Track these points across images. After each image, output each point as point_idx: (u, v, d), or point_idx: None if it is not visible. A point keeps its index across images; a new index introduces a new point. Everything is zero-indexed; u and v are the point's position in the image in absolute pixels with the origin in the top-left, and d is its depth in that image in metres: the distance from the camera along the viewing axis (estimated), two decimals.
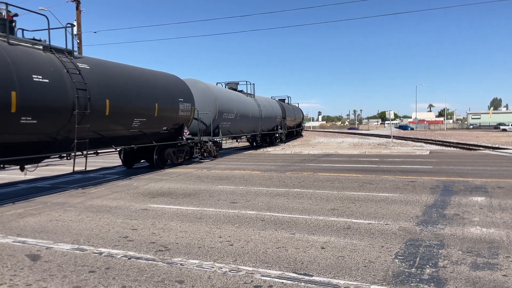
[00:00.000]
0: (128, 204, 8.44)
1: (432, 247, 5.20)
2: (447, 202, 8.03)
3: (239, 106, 21.96)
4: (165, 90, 14.67)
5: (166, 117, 14.55)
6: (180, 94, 15.62)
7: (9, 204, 8.61)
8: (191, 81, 18.71)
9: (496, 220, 6.53)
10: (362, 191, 9.41)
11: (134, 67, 14.09)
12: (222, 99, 19.54)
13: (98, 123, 11.15)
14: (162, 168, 14.84)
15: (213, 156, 19.17)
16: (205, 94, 18.68)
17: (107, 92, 11.41)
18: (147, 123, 13.41)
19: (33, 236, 6.06)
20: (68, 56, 10.62)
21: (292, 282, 4.11)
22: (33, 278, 4.34)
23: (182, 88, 16.19)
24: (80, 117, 10.33)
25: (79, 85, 10.30)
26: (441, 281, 4.07)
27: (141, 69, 14.35)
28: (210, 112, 18.33)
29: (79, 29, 23.03)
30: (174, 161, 15.81)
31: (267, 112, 27.25)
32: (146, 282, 4.18)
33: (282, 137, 31.98)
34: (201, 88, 18.75)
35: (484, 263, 4.57)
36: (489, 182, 10.42)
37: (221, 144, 20.67)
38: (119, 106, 11.88)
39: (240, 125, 22.31)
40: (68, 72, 10.10)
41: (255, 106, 25.05)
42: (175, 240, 5.72)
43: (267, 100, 29.72)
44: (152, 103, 13.59)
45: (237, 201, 8.46)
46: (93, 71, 11.19)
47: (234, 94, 22.56)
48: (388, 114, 35.39)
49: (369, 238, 5.63)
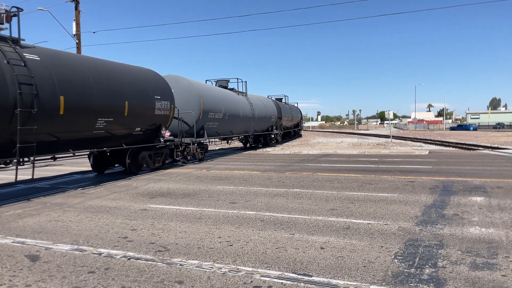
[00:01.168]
0: (127, 204, 8.44)
1: (431, 247, 5.20)
2: (447, 202, 8.04)
3: (228, 105, 20.54)
4: (138, 87, 13.10)
5: (139, 117, 13.03)
6: (157, 91, 14.07)
7: (8, 205, 8.60)
8: (173, 77, 17.30)
9: (495, 220, 6.53)
10: (362, 191, 9.42)
11: (99, 59, 12.43)
12: (207, 97, 18.16)
13: (50, 123, 9.69)
14: (135, 173, 13.39)
15: (198, 159, 17.83)
16: (188, 91, 17.18)
17: (62, 87, 9.89)
18: (116, 123, 11.89)
19: (32, 236, 6.05)
20: (13, 45, 9.27)
21: (291, 283, 4.11)
22: (33, 279, 4.33)
23: (160, 84, 14.62)
24: (25, 116, 8.90)
25: (23, 78, 8.87)
26: (440, 281, 4.07)
27: (108, 63, 12.69)
28: (193, 112, 16.85)
29: (78, 29, 23.01)
30: (150, 166, 14.21)
31: (260, 112, 25.85)
32: (146, 282, 4.18)
33: (277, 138, 30.74)
34: (184, 85, 17.29)
35: (483, 263, 4.58)
36: (488, 182, 10.43)
37: (207, 146, 19.22)
38: (78, 104, 10.31)
39: (229, 126, 20.93)
40: (9, 63, 8.69)
41: (247, 105, 23.56)
42: (175, 240, 5.71)
43: (261, 99, 28.14)
44: (121, 101, 12.02)
45: (237, 201, 8.46)
46: (45, 63, 9.69)
47: (222, 92, 21.06)
48: (387, 114, 35.39)
49: (368, 238, 5.63)
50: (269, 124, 28.36)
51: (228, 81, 23.96)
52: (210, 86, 20.57)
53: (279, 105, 32.18)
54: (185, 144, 16.70)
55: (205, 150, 18.54)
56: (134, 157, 13.39)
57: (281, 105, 33.56)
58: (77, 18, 23.07)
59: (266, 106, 27.96)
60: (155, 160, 14.39)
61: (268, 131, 28.50)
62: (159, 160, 14.63)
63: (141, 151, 13.67)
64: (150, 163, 14.12)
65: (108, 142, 12.24)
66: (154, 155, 14.33)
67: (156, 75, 14.98)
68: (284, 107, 34.11)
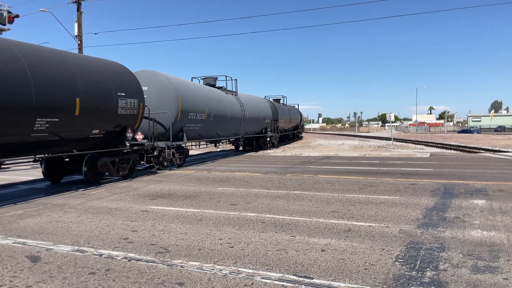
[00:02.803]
0: (128, 205, 8.43)
1: (432, 250, 5.19)
2: (448, 205, 8.02)
3: (214, 104, 18.78)
4: (94, 81, 11.07)
5: (96, 117, 11.08)
6: (121, 87, 12.08)
7: (9, 205, 8.60)
8: (148, 73, 15.53)
9: (496, 223, 6.52)
10: (363, 193, 9.40)
11: (42, 47, 10.60)
12: (187, 95, 16.24)
13: None
14: (95, 183, 11.49)
15: (176, 165, 15.90)
16: (165, 89, 15.28)
17: None
18: (63, 124, 9.95)
19: (33, 237, 6.05)
20: None
21: (292, 285, 4.10)
22: (33, 280, 4.33)
23: (125, 79, 12.61)
24: None
25: None
26: (441, 284, 4.06)
27: (55, 51, 10.63)
28: (169, 112, 14.93)
29: (80, 30, 23.07)
30: (113, 174, 12.25)
31: (252, 113, 23.97)
32: (146, 284, 4.18)
33: (273, 141, 28.83)
34: (160, 82, 15.38)
35: (485, 266, 4.56)
36: (489, 185, 10.41)
37: (188, 151, 17.28)
38: (5, 100, 8.41)
39: (215, 128, 19.22)
40: None
41: (236, 105, 21.66)
42: (175, 242, 5.71)
43: (254, 99, 26.10)
44: (70, 97, 10.04)
45: (238, 203, 8.46)
46: None
47: (206, 91, 19.19)
48: (389, 117, 35.37)
49: (369, 241, 5.62)
50: (262, 126, 26.59)
51: (216, 79, 21.96)
52: (191, 84, 18.63)
53: (276, 106, 30.47)
54: (160, 149, 14.95)
55: (185, 155, 16.66)
56: (92, 164, 11.44)
57: (278, 106, 31.85)
58: (79, 19, 23.13)
59: (260, 106, 26.13)
60: (119, 168, 12.42)
61: (262, 133, 26.70)
62: (124, 168, 12.65)
63: (101, 157, 11.68)
64: (113, 171, 12.15)
65: (57, 147, 10.36)
66: (118, 162, 12.36)
67: (121, 68, 12.97)
68: (281, 108, 32.47)
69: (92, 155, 11.47)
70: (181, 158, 16.24)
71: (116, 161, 12.24)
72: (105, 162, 11.78)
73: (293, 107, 41.00)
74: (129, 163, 12.90)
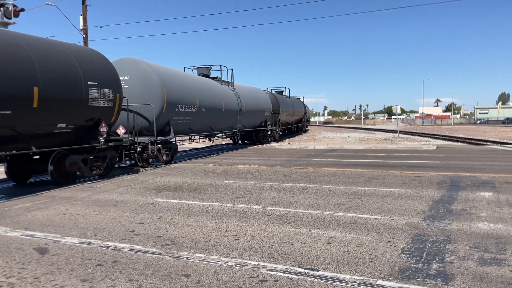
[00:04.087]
0: (134, 198, 8.48)
1: (439, 242, 5.17)
2: (454, 197, 7.98)
3: (206, 96, 17.43)
4: (58, 68, 9.70)
5: (61, 110, 9.74)
6: (93, 76, 10.73)
7: (17, 198, 8.69)
8: (130, 61, 14.22)
9: (503, 215, 6.48)
10: (368, 186, 9.38)
11: None
12: (174, 85, 14.91)
13: None
14: (64, 184, 10.25)
15: (163, 162, 14.66)
16: (148, 78, 13.90)
17: None
18: (19, 118, 8.78)
19: (40, 229, 6.11)
20: None
21: (298, 277, 4.11)
22: (41, 271, 4.38)
23: (97, 67, 11.20)
24: None
25: None
26: (448, 277, 4.05)
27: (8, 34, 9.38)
28: (153, 103, 13.57)
29: (85, 23, 23.07)
30: (85, 174, 10.84)
31: (250, 105, 22.51)
32: (153, 275, 4.21)
33: (274, 135, 27.41)
34: (143, 71, 14.01)
35: (492, 258, 4.54)
36: (496, 177, 10.34)
37: (176, 147, 15.87)
38: None
39: (207, 121, 17.90)
40: None
41: (232, 97, 20.25)
42: (181, 234, 5.74)
43: (252, 90, 24.46)
44: (26, 87, 8.79)
45: (243, 196, 8.47)
46: None
47: (197, 81, 17.79)
48: (395, 109, 35.18)
49: (375, 233, 5.61)
50: (262, 119, 25.12)
51: (210, 69, 20.50)
52: (180, 73, 16.97)
53: (277, 98, 28.92)
54: (144, 144, 13.77)
55: (173, 151, 15.35)
56: (58, 163, 10.16)
57: (280, 98, 30.16)
58: (84, 12, 23.13)
59: (259, 98, 24.56)
60: (93, 166, 11.04)
61: (261, 126, 25.26)
62: (99, 166, 11.27)
63: (70, 154, 10.37)
64: (85, 170, 10.79)
65: (13, 144, 9.15)
66: (92, 160, 11.00)
67: (93, 54, 11.57)
68: (283, 100, 30.89)
69: (59, 152, 10.20)
70: (168, 155, 14.91)
71: (89, 159, 10.90)
72: (74, 160, 10.41)
73: (297, 99, 39.51)
74: (105, 161, 11.57)
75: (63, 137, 10.29)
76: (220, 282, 4.01)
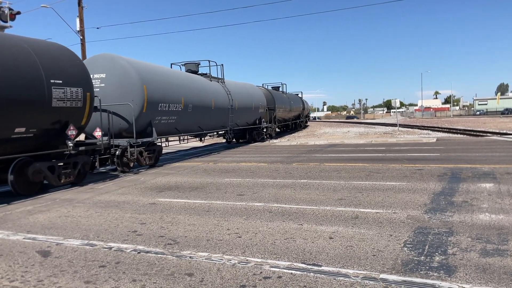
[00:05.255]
0: (136, 198, 8.49)
1: (441, 234, 5.18)
2: (455, 189, 7.99)
3: (193, 93, 16.39)
4: (12, 65, 8.62)
5: (19, 112, 8.70)
6: (57, 73, 9.60)
7: (19, 201, 8.69)
8: (106, 57, 13.17)
9: (505, 206, 6.49)
10: (369, 180, 9.39)
11: None
12: (156, 83, 13.86)
13: None
14: (28, 196, 9.15)
15: (147, 166, 13.72)
16: (126, 75, 12.77)
17: None
18: None
19: (43, 232, 6.12)
20: None
21: (301, 273, 4.12)
22: (44, 274, 4.38)
23: (63, 63, 10.00)
24: None
25: None
26: (450, 269, 4.05)
27: None
28: (132, 103, 12.47)
29: (81, 25, 23.04)
30: (53, 183, 9.75)
31: (243, 102, 21.59)
32: (156, 275, 4.21)
33: (270, 133, 26.62)
34: (120, 68, 12.87)
35: (494, 249, 4.55)
36: (497, 168, 10.35)
37: (161, 149, 14.85)
38: None
39: (195, 120, 16.86)
40: None
41: (222, 94, 19.32)
42: (184, 233, 5.75)
43: (244, 86, 23.45)
44: None
45: (244, 193, 8.48)
46: None
47: (183, 78, 16.70)
48: (394, 102, 35.15)
49: (377, 227, 5.62)
50: (256, 117, 24.17)
51: (198, 65, 19.56)
52: (162, 69, 15.63)
53: (272, 94, 27.95)
54: (123, 147, 12.63)
55: (157, 153, 14.30)
56: (20, 172, 9.15)
57: (276, 94, 29.19)
58: (81, 14, 23.09)
59: (252, 95, 23.49)
60: (62, 174, 9.91)
61: (256, 124, 24.34)
62: (69, 173, 10.10)
63: (33, 162, 9.32)
64: (52, 178, 9.66)
65: None
66: (60, 167, 9.90)
67: (58, 50, 10.33)
68: (279, 97, 29.88)
69: (21, 160, 9.15)
70: (152, 157, 13.83)
71: (56, 166, 9.77)
72: (38, 168, 9.31)
73: (294, 95, 38.50)
74: (77, 168, 10.41)
75: (24, 142, 9.17)
76: (224, 280, 4.02)
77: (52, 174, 9.69)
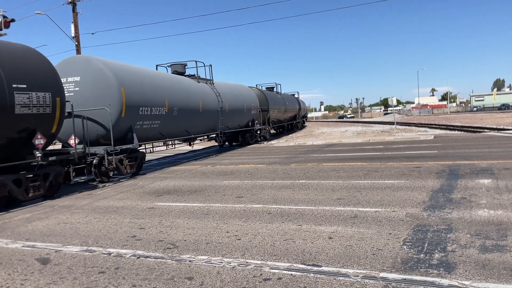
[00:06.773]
0: (134, 203, 8.47)
1: (440, 231, 5.18)
2: (454, 186, 8.00)
3: (177, 95, 15.43)
4: None
5: None
6: (20, 77, 8.72)
7: (17, 209, 8.66)
8: (81, 59, 12.48)
9: (503, 201, 6.50)
10: (368, 179, 9.39)
11: None
12: (135, 85, 12.89)
13: None
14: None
15: (129, 174, 12.77)
16: (102, 78, 11.88)
17: None
18: None
19: (42, 240, 6.10)
20: None
21: (301, 274, 4.12)
22: (44, 282, 4.37)
23: (28, 66, 9.13)
24: None
25: None
26: (450, 266, 4.06)
27: None
28: (109, 107, 11.59)
29: (76, 31, 23.02)
30: (19, 197, 8.84)
31: (234, 103, 20.76)
32: (156, 280, 4.20)
33: (264, 135, 25.95)
34: (96, 70, 11.94)
35: (493, 245, 4.56)
36: (495, 164, 10.37)
37: (144, 155, 13.88)
38: None
39: (182, 124, 15.89)
40: None
41: (211, 96, 18.41)
42: (183, 237, 5.74)
43: (235, 87, 22.68)
44: None
45: (243, 195, 8.47)
46: None
47: (166, 79, 15.72)
48: (391, 101, 35.20)
49: (376, 226, 5.62)
50: (248, 119, 23.38)
51: (185, 65, 18.77)
52: (142, 70, 14.49)
53: (266, 95, 27.01)
54: (101, 156, 11.67)
55: (139, 160, 13.28)
56: None
57: (269, 94, 28.30)
58: (75, 20, 23.07)
59: (244, 96, 22.64)
60: (29, 187, 9.01)
61: (249, 126, 23.64)
62: (38, 186, 9.21)
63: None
64: (19, 192, 8.77)
65: None
66: (28, 180, 8.99)
67: (22, 51, 9.38)
68: (273, 97, 28.99)
69: None
70: (133, 165, 12.78)
71: (23, 178, 8.89)
72: (2, 182, 8.43)
73: (289, 95, 37.61)
74: (48, 179, 9.55)
75: None
76: (224, 283, 4.01)
77: (19, 187, 8.79)
